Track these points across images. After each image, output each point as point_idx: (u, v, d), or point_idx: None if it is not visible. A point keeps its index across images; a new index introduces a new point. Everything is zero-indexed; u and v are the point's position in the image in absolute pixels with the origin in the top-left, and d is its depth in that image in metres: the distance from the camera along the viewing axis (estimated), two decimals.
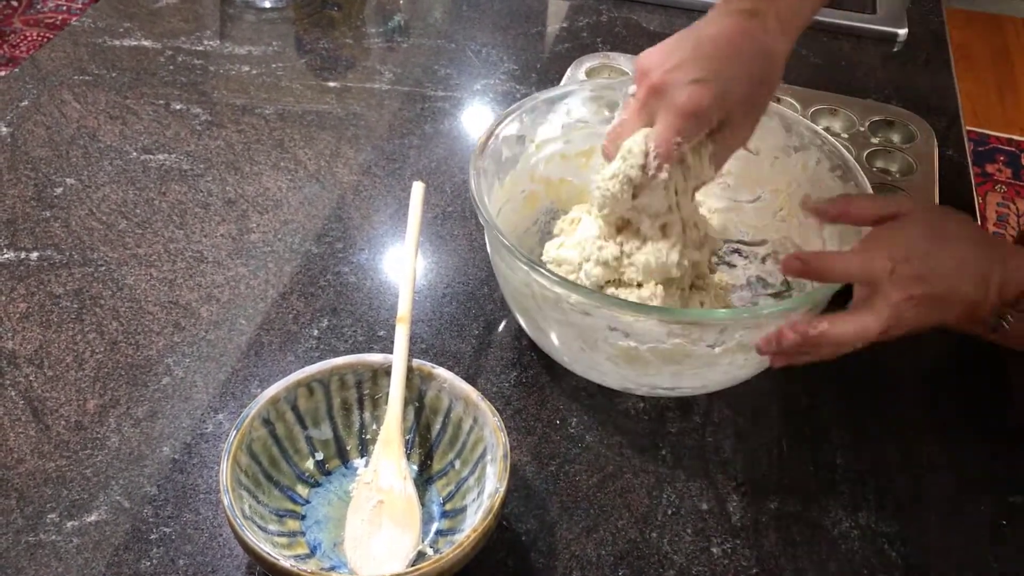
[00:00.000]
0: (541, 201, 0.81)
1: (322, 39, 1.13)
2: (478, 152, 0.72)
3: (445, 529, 0.62)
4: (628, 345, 0.64)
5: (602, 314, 0.63)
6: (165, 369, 0.72)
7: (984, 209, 2.37)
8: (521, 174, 0.78)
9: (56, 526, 0.62)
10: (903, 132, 0.98)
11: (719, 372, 0.67)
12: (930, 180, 0.92)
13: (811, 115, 1.00)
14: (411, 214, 0.71)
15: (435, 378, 0.65)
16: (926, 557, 0.64)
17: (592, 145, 0.80)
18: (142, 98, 1.01)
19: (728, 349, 0.64)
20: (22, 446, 0.66)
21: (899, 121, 0.99)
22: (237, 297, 0.79)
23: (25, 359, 0.72)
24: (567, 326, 0.66)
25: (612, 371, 0.68)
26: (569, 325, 0.66)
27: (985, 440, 0.71)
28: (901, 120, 0.99)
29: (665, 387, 0.69)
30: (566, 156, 0.81)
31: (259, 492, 0.60)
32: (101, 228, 0.84)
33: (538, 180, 0.80)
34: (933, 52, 1.20)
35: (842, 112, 1.00)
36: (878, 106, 1.02)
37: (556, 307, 0.65)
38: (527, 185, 0.79)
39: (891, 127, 0.99)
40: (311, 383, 0.64)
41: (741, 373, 0.69)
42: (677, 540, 0.64)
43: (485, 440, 0.62)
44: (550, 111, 0.78)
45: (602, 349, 0.66)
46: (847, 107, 1.01)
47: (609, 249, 0.69)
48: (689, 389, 0.70)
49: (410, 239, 0.69)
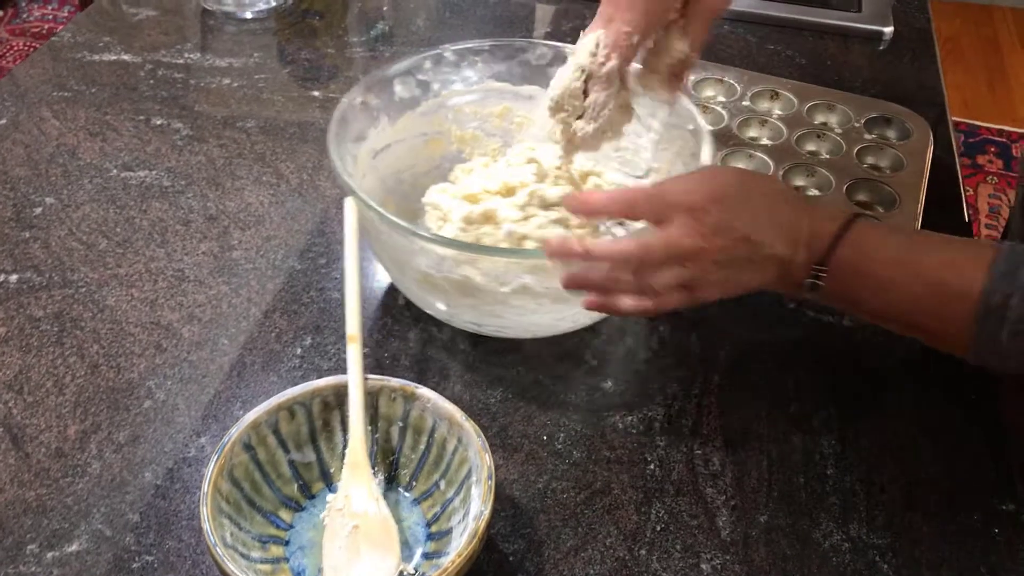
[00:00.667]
0: (446, 148, 0.87)
1: (304, 49, 1.13)
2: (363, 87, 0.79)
3: (431, 552, 0.61)
4: (426, 271, 0.68)
5: (410, 239, 0.68)
6: (147, 392, 0.72)
7: (975, 201, 2.37)
8: (422, 118, 0.85)
9: (36, 557, 0.61)
10: (899, 129, 0.98)
11: (514, 313, 0.71)
12: (918, 176, 0.91)
13: (807, 110, 1.00)
14: (347, 231, 0.70)
15: (418, 398, 0.64)
16: (918, 569, 0.63)
17: (505, 105, 0.87)
18: (122, 114, 1.00)
19: (516, 291, 0.67)
20: (1, 475, 0.65)
21: (896, 118, 0.99)
22: (219, 316, 0.78)
23: (4, 385, 0.71)
24: (384, 247, 0.72)
25: (420, 296, 0.74)
26: (384, 246, 0.72)
27: (976, 449, 0.71)
28: (898, 117, 0.99)
29: (490, 326, 0.74)
30: (479, 113, 0.87)
31: (241, 519, 0.59)
32: (81, 248, 0.83)
33: (445, 128, 0.86)
34: (919, 49, 1.19)
35: (839, 107, 1.00)
36: (875, 102, 1.02)
37: (374, 225, 0.70)
38: (429, 129, 0.85)
39: (888, 124, 0.98)
40: (292, 406, 0.63)
41: (544, 320, 0.72)
42: (666, 557, 0.63)
43: (470, 461, 0.61)
44: (463, 64, 0.85)
45: (408, 273, 0.72)
46: (845, 103, 1.01)
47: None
48: (512, 331, 0.75)
49: (349, 255, 0.68)
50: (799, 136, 0.96)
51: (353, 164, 0.77)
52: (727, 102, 1.01)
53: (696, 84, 1.04)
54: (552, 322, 0.74)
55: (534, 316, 0.72)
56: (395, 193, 0.82)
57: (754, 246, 0.63)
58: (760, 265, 0.64)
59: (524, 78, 0.86)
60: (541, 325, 0.75)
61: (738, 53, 1.15)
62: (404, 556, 0.60)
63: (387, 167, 0.82)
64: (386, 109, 0.82)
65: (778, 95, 1.02)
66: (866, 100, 1.02)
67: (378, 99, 0.81)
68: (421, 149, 0.86)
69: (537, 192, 0.75)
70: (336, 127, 0.75)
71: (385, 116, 0.82)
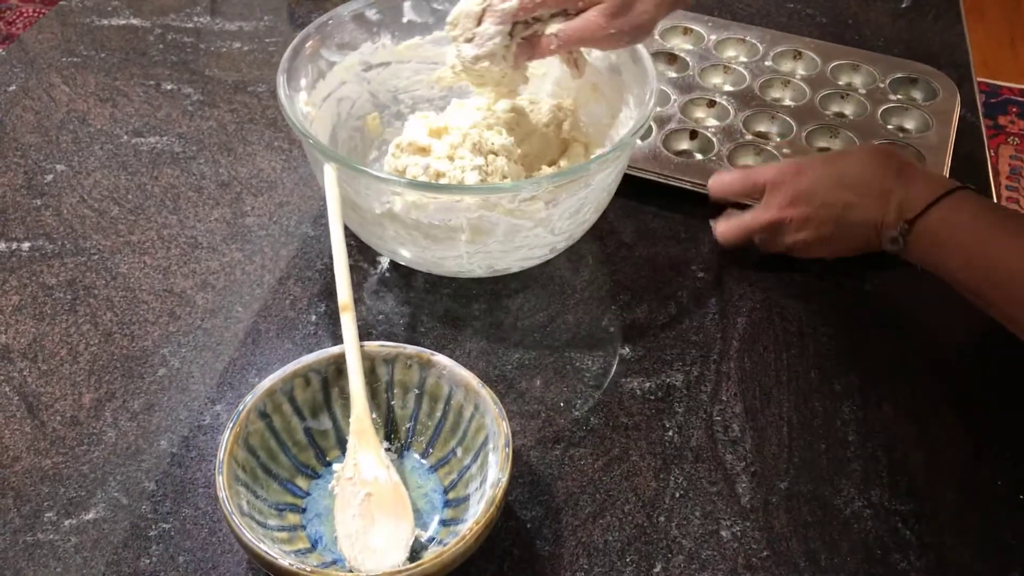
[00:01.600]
0: (454, 81, 0.84)
1: (315, 12, 1.11)
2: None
3: (448, 519, 0.60)
4: (387, 207, 0.70)
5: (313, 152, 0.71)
6: (161, 360, 0.71)
7: (996, 162, 2.33)
8: (432, 47, 0.85)
9: (54, 525, 0.61)
10: (925, 89, 0.96)
11: (451, 251, 0.72)
12: (944, 138, 0.89)
13: (831, 70, 0.98)
14: (328, 197, 0.69)
15: (434, 365, 0.63)
16: (941, 535, 0.62)
17: None
18: (132, 79, 0.99)
19: (384, 214, 0.70)
20: (18, 443, 0.65)
21: (922, 78, 0.97)
22: (233, 283, 0.77)
23: (19, 353, 0.71)
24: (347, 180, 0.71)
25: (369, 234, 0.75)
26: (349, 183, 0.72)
27: (1001, 413, 0.70)
28: (924, 76, 0.97)
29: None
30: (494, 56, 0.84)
31: (257, 487, 0.59)
32: (93, 215, 0.83)
33: (454, 62, 0.84)
34: (943, 7, 1.16)
35: (864, 68, 0.98)
36: (902, 62, 1.00)
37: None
38: (439, 60, 0.83)
39: (913, 84, 0.96)
40: (307, 373, 0.63)
41: (472, 263, 0.73)
42: (685, 524, 0.62)
43: (487, 428, 0.60)
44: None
45: (370, 207, 0.71)
46: (870, 63, 0.99)
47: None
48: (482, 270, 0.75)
49: (334, 223, 0.68)
50: (823, 97, 0.94)
51: (329, 68, 0.81)
52: (749, 62, 0.99)
53: (717, 44, 1.02)
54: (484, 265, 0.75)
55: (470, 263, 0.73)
56: (387, 111, 0.87)
57: (837, 209, 0.73)
58: (852, 227, 0.73)
59: None
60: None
61: (758, 12, 1.13)
62: (421, 523, 0.60)
63: (382, 83, 0.86)
64: (390, 28, 0.84)
65: (801, 55, 1.00)
66: (892, 60, 1.00)
67: (380, 15, 0.83)
68: (427, 76, 0.86)
69: (470, 136, 0.76)
70: (315, 29, 0.79)
71: (388, 34, 0.84)
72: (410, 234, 0.71)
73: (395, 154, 0.78)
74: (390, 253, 0.77)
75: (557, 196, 0.69)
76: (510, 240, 0.71)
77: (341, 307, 0.65)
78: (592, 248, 0.82)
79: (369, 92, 0.85)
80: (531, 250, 0.73)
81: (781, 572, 0.60)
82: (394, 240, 0.73)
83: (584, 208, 0.72)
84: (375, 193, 0.70)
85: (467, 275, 0.77)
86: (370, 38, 0.83)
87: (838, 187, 0.73)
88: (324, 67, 0.80)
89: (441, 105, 0.86)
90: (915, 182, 0.71)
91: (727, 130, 0.90)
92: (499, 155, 0.76)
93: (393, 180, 0.72)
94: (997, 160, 2.35)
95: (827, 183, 0.74)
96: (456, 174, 0.74)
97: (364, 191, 0.70)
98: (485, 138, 0.76)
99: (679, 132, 0.90)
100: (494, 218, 0.68)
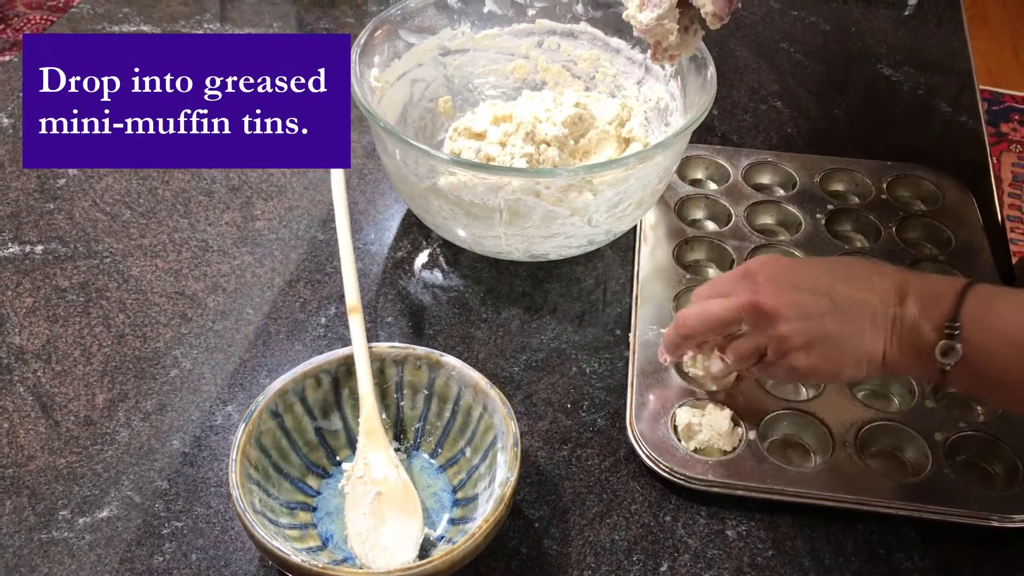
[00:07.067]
0: (530, 74, 0.91)
1: (323, 19, 1.12)
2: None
3: (457, 518, 0.61)
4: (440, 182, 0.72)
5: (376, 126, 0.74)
6: (173, 361, 0.72)
7: (999, 170, 2.34)
8: (511, 38, 0.89)
9: (68, 523, 0.62)
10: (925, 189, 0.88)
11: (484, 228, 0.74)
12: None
13: (820, 180, 0.88)
14: (336, 200, 0.72)
15: (443, 366, 0.64)
16: (944, 536, 0.63)
17: (595, 52, 0.90)
18: None
19: (428, 189, 0.72)
20: (32, 443, 0.66)
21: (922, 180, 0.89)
22: (243, 286, 0.78)
23: (33, 354, 0.72)
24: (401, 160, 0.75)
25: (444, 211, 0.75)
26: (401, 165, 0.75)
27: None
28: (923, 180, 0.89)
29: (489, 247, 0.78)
30: (570, 53, 0.90)
31: (269, 485, 0.60)
32: (105, 219, 0.84)
33: (533, 55, 0.90)
34: (945, 14, 1.17)
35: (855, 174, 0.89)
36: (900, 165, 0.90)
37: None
38: (516, 52, 0.89)
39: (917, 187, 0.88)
40: (318, 374, 0.63)
41: (510, 244, 0.75)
42: (691, 523, 0.63)
43: (495, 428, 0.61)
44: None
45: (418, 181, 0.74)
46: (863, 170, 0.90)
47: None
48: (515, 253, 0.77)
49: (341, 225, 0.70)
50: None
51: (406, 49, 0.84)
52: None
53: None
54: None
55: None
56: (459, 97, 0.90)
57: (831, 298, 0.59)
58: (853, 320, 0.58)
59: (617, 30, 0.87)
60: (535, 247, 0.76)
61: (760, 19, 1.14)
62: (430, 522, 0.61)
63: (457, 68, 0.89)
64: (471, 16, 0.88)
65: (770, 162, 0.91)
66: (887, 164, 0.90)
67: (462, 3, 0.87)
68: (504, 66, 0.90)
69: (524, 125, 0.79)
70: (397, 10, 0.82)
71: (468, 22, 0.88)
72: (452, 210, 0.73)
73: (452, 137, 0.82)
74: (436, 227, 0.79)
75: (595, 186, 0.70)
76: (546, 226, 0.72)
77: (349, 309, 0.66)
78: (607, 248, 0.82)
79: (444, 76, 0.89)
80: (567, 239, 0.75)
81: (786, 571, 0.61)
82: (438, 214, 0.75)
83: (623, 203, 0.73)
84: (424, 169, 0.73)
85: (506, 257, 0.79)
86: (450, 24, 0.87)
87: (824, 273, 0.62)
88: (401, 48, 0.84)
89: (513, 95, 0.89)
90: (923, 275, 0.61)
91: None
92: (551, 145, 0.78)
93: (431, 153, 0.71)
94: (1000, 168, 2.35)
95: (812, 270, 0.63)
96: (505, 160, 0.77)
97: (412, 164, 0.73)
98: (539, 129, 0.79)
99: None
100: (530, 202, 0.70)
